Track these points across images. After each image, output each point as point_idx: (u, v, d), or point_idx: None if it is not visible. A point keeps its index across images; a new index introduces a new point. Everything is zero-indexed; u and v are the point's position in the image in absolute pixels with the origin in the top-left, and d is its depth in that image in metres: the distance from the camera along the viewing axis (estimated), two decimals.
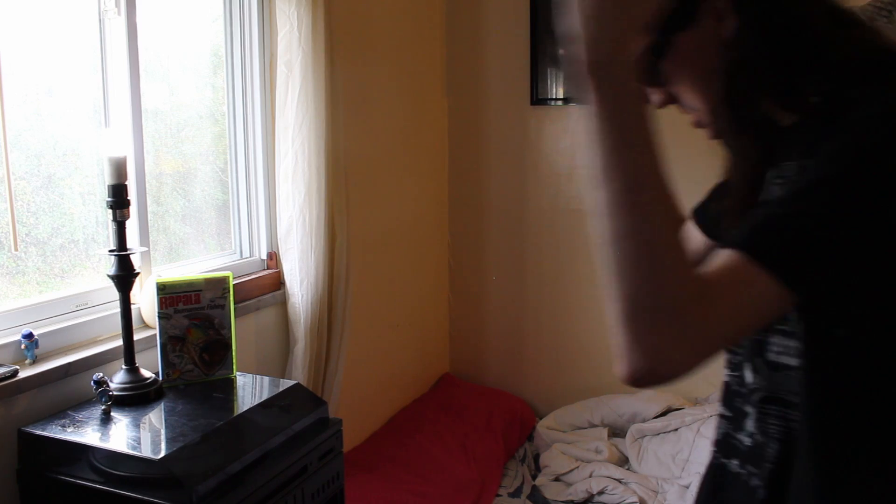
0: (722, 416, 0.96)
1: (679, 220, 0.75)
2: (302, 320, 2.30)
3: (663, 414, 2.95)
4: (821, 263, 0.72)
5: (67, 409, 1.66)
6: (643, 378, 0.70)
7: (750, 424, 0.91)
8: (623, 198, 0.70)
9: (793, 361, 0.84)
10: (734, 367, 0.94)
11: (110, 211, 1.66)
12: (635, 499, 2.66)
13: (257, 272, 2.37)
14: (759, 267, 0.70)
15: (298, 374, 2.29)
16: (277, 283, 2.39)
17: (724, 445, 0.96)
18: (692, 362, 0.70)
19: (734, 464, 0.94)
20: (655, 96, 0.88)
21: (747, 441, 0.91)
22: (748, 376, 0.91)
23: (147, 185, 2.01)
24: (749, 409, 0.91)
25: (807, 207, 0.72)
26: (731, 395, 0.94)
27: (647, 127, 0.71)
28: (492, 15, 3.34)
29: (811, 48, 0.80)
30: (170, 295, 1.78)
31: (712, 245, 0.86)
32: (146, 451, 1.49)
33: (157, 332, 1.79)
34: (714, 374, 0.94)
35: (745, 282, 0.71)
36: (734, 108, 0.83)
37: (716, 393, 2.13)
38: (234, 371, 1.88)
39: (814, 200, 0.72)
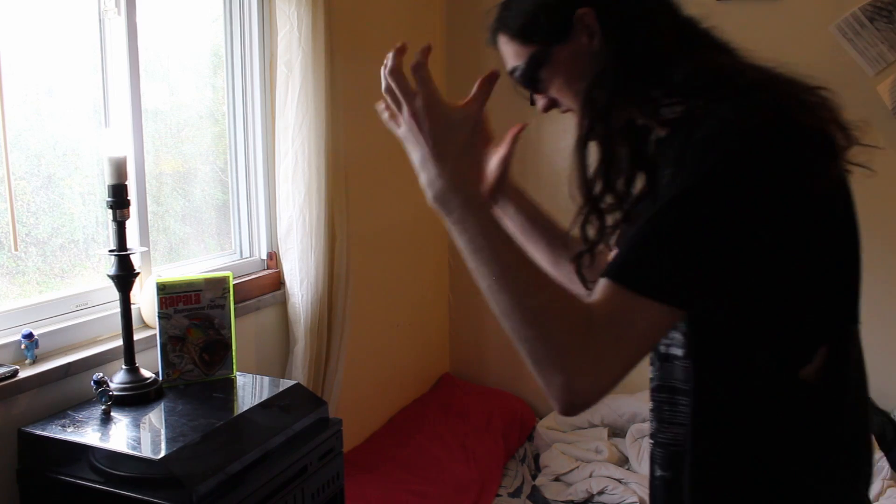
0: (651, 411, 1.05)
1: (548, 282, 0.84)
2: (302, 320, 2.30)
3: None
4: (692, 277, 0.79)
5: (67, 409, 1.66)
6: (567, 411, 0.81)
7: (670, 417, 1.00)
8: (495, 285, 0.83)
9: (679, 352, 0.94)
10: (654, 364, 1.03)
11: (110, 211, 1.66)
12: (635, 499, 2.66)
13: (257, 272, 2.37)
14: (633, 294, 0.79)
15: (298, 374, 2.29)
16: (277, 283, 2.39)
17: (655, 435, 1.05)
18: (602, 386, 0.80)
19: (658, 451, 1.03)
20: (540, 102, 1.03)
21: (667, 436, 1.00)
22: (650, 370, 1.01)
23: (147, 185, 2.01)
24: (665, 406, 0.99)
25: (667, 228, 0.80)
26: (656, 391, 1.03)
27: (493, 228, 0.85)
28: (492, 15, 3.34)
29: (658, 66, 0.90)
30: (170, 295, 1.78)
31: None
32: (146, 451, 1.49)
33: (157, 332, 1.79)
34: None
35: (624, 309, 0.80)
36: (592, 114, 0.94)
37: None
38: (234, 371, 1.88)
39: (671, 220, 0.80)
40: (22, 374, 1.59)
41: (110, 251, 1.68)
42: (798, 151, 0.81)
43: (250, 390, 1.88)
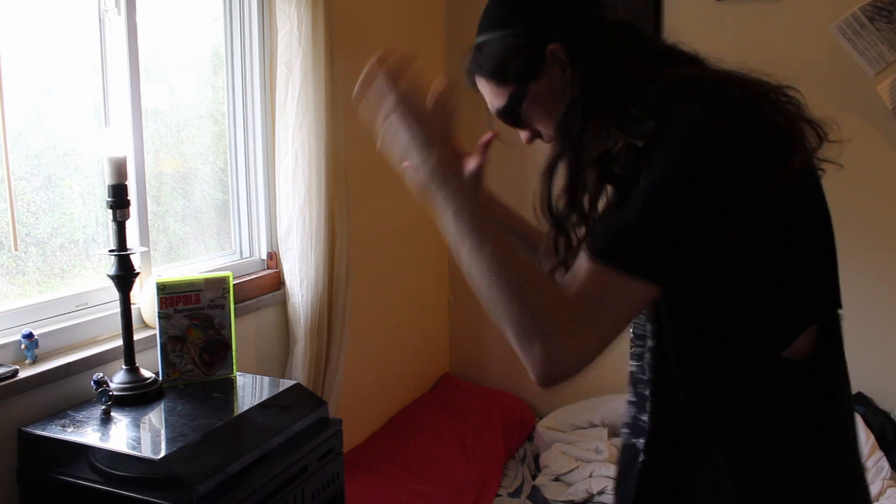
0: (629, 402, 1.09)
1: (527, 261, 0.89)
2: (302, 320, 2.30)
3: None
4: (662, 250, 0.84)
5: (67, 409, 1.66)
6: (545, 382, 0.85)
7: (649, 406, 1.03)
8: (477, 260, 0.88)
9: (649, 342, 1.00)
10: (636, 357, 1.07)
11: (110, 211, 1.66)
12: None
13: (257, 272, 2.37)
14: (607, 268, 0.83)
15: (298, 374, 2.29)
16: (277, 283, 2.39)
17: (633, 427, 1.08)
18: (579, 361, 0.84)
19: (640, 442, 1.05)
20: (523, 134, 1.07)
21: (644, 421, 1.04)
22: (648, 360, 1.04)
23: (147, 185, 2.01)
24: (648, 392, 1.03)
25: (644, 208, 0.85)
26: (635, 382, 1.07)
27: (477, 207, 0.91)
28: None
29: (631, 87, 0.95)
30: (170, 295, 1.78)
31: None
32: (146, 451, 1.49)
33: (157, 332, 1.79)
34: None
35: (598, 283, 0.84)
36: (564, 140, 0.97)
37: None
38: (234, 371, 1.88)
39: (648, 201, 0.85)
40: (22, 374, 1.59)
41: (110, 251, 1.68)
42: (763, 142, 0.85)
43: (250, 390, 1.88)
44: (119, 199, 1.66)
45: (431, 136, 0.93)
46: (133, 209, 1.79)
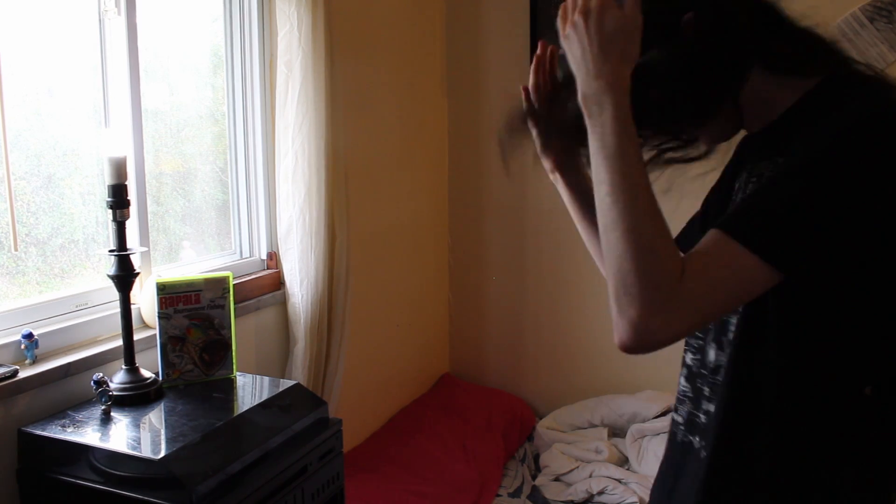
0: (685, 396, 1.05)
1: (661, 216, 0.85)
2: (302, 320, 2.30)
3: (663, 414, 2.95)
4: (798, 241, 0.81)
5: (67, 409, 1.66)
6: (630, 346, 0.81)
7: (705, 402, 1.00)
8: (614, 197, 0.84)
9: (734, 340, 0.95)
10: (696, 349, 1.03)
11: (110, 211, 1.66)
12: (635, 499, 2.66)
13: (257, 272, 2.37)
14: (737, 245, 0.81)
15: (298, 374, 2.29)
16: (277, 283, 2.39)
17: (690, 424, 1.04)
18: (673, 331, 0.81)
19: (697, 440, 1.01)
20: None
21: (703, 418, 1.00)
22: (711, 355, 1.00)
23: (147, 185, 2.00)
24: (706, 388, 1.00)
25: (785, 193, 0.82)
26: (693, 376, 1.03)
27: (632, 143, 0.86)
28: (492, 15, 3.34)
29: (747, 51, 0.92)
30: (170, 295, 1.78)
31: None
32: (146, 451, 1.49)
33: (157, 332, 1.79)
34: None
35: (723, 259, 0.81)
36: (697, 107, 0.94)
37: None
38: (234, 371, 1.88)
39: (790, 187, 0.82)
40: (22, 374, 1.59)
41: (110, 251, 1.68)
42: None
43: (250, 390, 1.88)
44: (119, 199, 1.66)
45: (608, 53, 0.87)
46: (133, 209, 1.80)
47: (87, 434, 1.55)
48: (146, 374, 1.74)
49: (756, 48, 0.92)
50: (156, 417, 1.67)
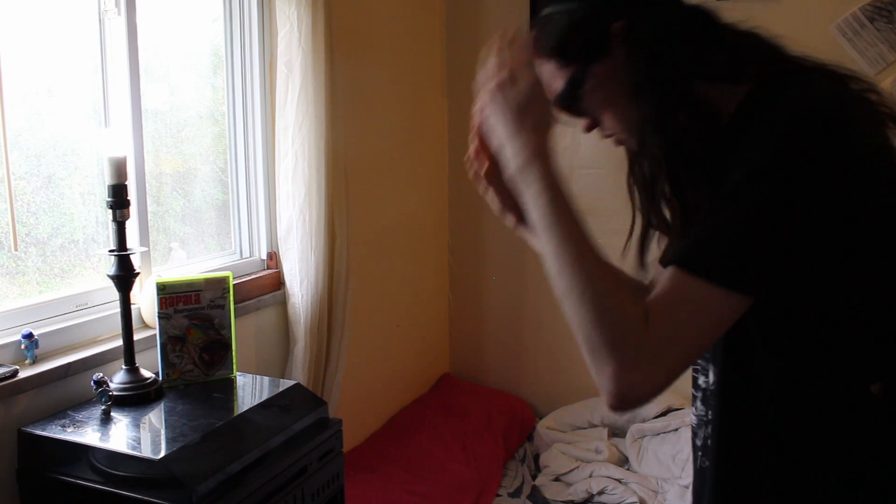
0: (702, 421, 1.02)
1: (613, 270, 0.85)
2: (302, 320, 2.30)
3: (663, 414, 2.95)
4: (757, 261, 0.79)
5: (67, 409, 1.66)
6: (618, 406, 0.79)
7: (712, 427, 0.98)
8: (562, 263, 0.83)
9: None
10: (703, 370, 1.00)
11: (110, 211, 1.66)
12: (635, 499, 2.66)
13: (257, 272, 2.37)
14: (697, 279, 0.78)
15: (298, 374, 2.29)
16: (277, 283, 2.39)
17: (706, 450, 1.01)
18: (655, 382, 0.78)
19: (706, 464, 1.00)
20: (582, 124, 1.00)
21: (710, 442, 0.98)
22: (711, 377, 0.97)
23: (147, 185, 2.00)
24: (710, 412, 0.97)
25: (730, 216, 0.79)
26: (707, 399, 1.00)
27: (567, 206, 0.86)
28: (492, 15, 3.34)
29: (698, 68, 0.90)
30: (170, 295, 1.78)
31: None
32: (146, 451, 1.49)
33: (157, 332, 1.79)
34: None
35: (686, 297, 0.79)
36: (645, 125, 0.91)
37: None
38: (234, 371, 1.88)
39: (736, 208, 0.79)
40: (22, 374, 1.59)
41: (110, 251, 1.68)
42: (855, 148, 0.81)
43: (250, 390, 1.88)
44: (119, 199, 1.66)
45: (529, 126, 0.89)
46: (133, 209, 1.79)
47: (87, 434, 1.55)
48: (146, 374, 1.74)
49: (689, 57, 0.90)
50: (156, 417, 1.67)
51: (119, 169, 1.66)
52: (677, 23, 0.90)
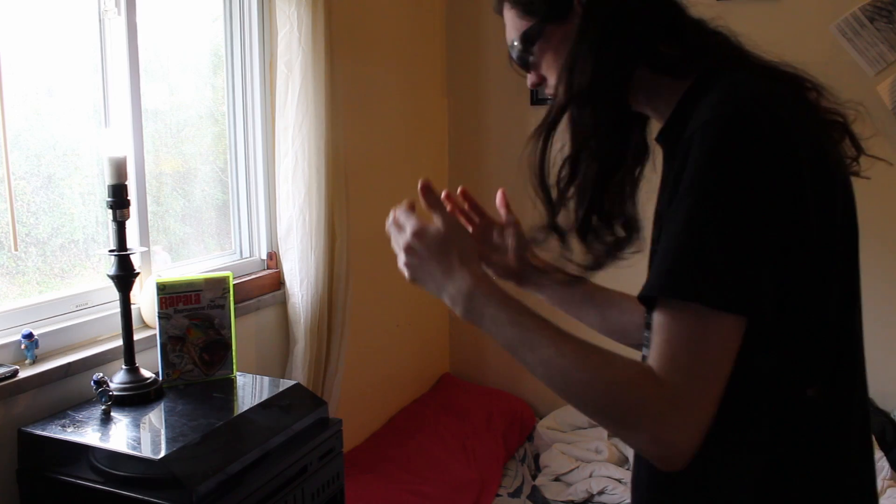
0: None
1: (594, 350, 0.81)
2: (302, 320, 2.30)
3: None
4: (752, 281, 0.75)
5: (67, 409, 1.66)
6: (671, 466, 0.76)
7: None
8: (544, 372, 0.82)
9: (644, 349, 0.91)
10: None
11: (110, 211, 1.66)
12: None
13: (257, 272, 2.37)
14: (702, 310, 0.74)
15: (298, 374, 2.29)
16: (277, 283, 2.39)
17: None
18: (695, 431, 0.75)
19: None
20: (529, 78, 1.00)
21: None
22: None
23: (147, 185, 2.00)
24: None
25: (707, 231, 0.76)
26: None
27: (524, 316, 0.85)
28: (492, 15, 3.33)
29: (652, 42, 0.90)
30: (170, 295, 1.78)
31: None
32: (146, 451, 1.49)
33: (157, 332, 1.79)
34: None
35: (687, 336, 0.75)
36: (569, 85, 0.90)
37: None
38: (234, 371, 1.88)
39: (708, 223, 0.76)
40: (22, 374, 1.59)
41: (110, 251, 1.68)
42: (786, 146, 0.79)
43: (250, 390, 1.88)
44: (119, 199, 1.66)
45: (455, 264, 0.90)
46: (133, 209, 1.79)
47: (87, 434, 1.55)
48: (146, 374, 1.74)
49: (640, 45, 0.90)
50: (156, 417, 1.67)
51: (119, 169, 1.66)
52: (641, 8, 0.90)
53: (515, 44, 0.98)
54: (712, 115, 0.80)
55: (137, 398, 1.69)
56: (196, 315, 1.82)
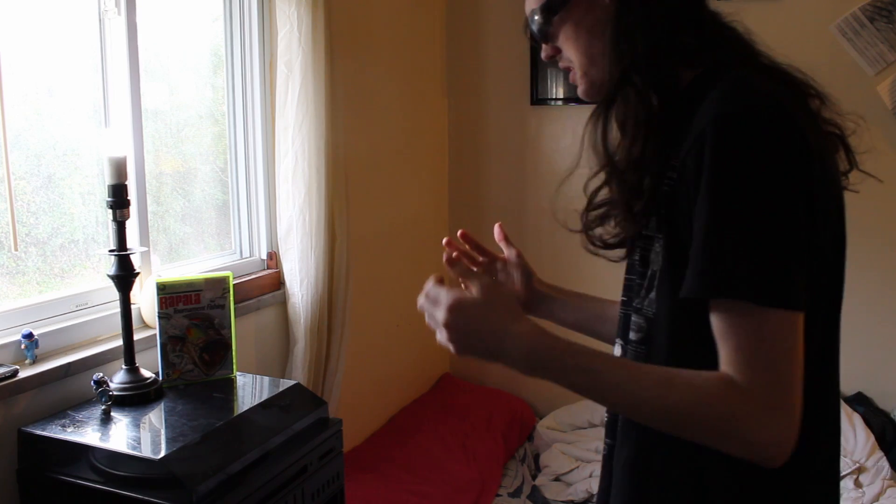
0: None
1: (669, 374, 0.82)
2: (302, 320, 2.30)
3: None
4: (791, 273, 0.77)
5: (67, 409, 1.66)
6: (772, 464, 0.78)
7: None
8: (630, 407, 0.84)
9: (636, 336, 0.93)
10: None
11: (110, 211, 1.66)
12: None
13: (257, 272, 2.37)
14: (762, 310, 0.76)
15: (298, 374, 2.29)
16: (277, 283, 2.39)
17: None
18: (789, 426, 0.77)
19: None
20: (544, 51, 0.99)
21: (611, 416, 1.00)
22: (616, 350, 0.99)
23: (147, 185, 2.01)
24: None
25: (744, 226, 0.77)
26: None
27: (593, 357, 0.84)
28: (492, 15, 3.34)
29: (675, 28, 0.91)
30: (170, 295, 1.78)
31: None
32: (146, 451, 1.49)
33: (157, 332, 1.79)
34: None
35: (755, 336, 0.77)
36: (624, 65, 0.90)
37: None
38: (234, 371, 1.88)
39: (742, 217, 0.78)
40: (22, 374, 1.59)
41: (110, 251, 1.68)
42: (797, 140, 0.81)
43: (250, 390, 1.88)
44: (119, 199, 1.66)
45: (504, 327, 0.87)
46: (133, 209, 1.79)
47: (88, 434, 1.55)
48: (146, 374, 1.74)
49: (668, 30, 0.90)
50: (156, 417, 1.67)
51: (119, 169, 1.66)
52: None
53: (536, 17, 0.96)
54: (725, 110, 0.81)
55: (137, 398, 1.69)
56: (196, 315, 1.82)
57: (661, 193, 0.88)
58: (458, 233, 1.17)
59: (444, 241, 1.11)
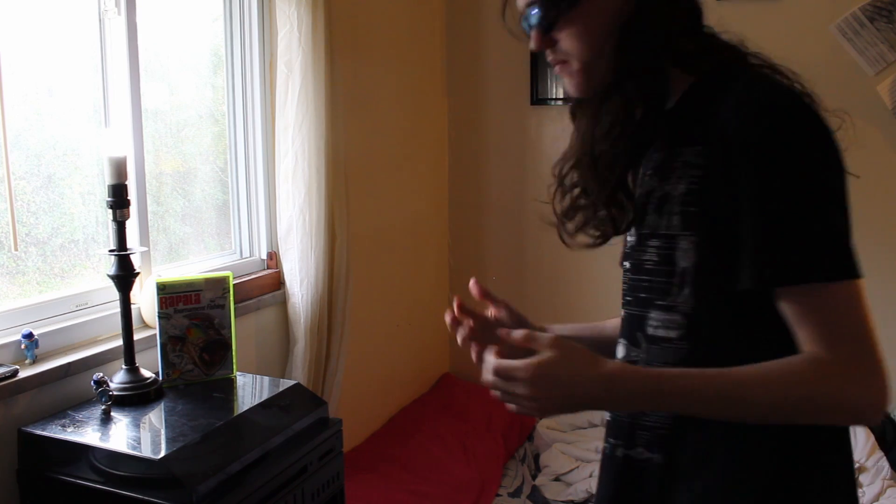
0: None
1: (768, 372, 0.85)
2: (302, 320, 2.30)
3: None
4: (850, 243, 0.85)
5: (67, 409, 1.66)
6: (874, 422, 0.88)
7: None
8: (725, 417, 0.87)
9: (672, 334, 0.93)
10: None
11: (110, 211, 1.66)
12: None
13: (257, 272, 2.37)
14: (843, 284, 0.83)
15: (298, 374, 2.29)
16: (277, 283, 2.39)
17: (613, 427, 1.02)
18: (880, 385, 0.82)
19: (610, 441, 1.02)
20: (538, 41, 0.96)
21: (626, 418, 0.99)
22: (620, 351, 1.00)
23: (147, 185, 2.01)
24: None
25: (814, 211, 0.83)
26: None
27: (692, 385, 0.85)
28: (492, 15, 3.34)
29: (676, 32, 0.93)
30: (170, 295, 1.78)
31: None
32: (146, 451, 1.49)
33: (157, 332, 1.79)
34: None
35: (837, 308, 0.83)
36: (625, 65, 0.92)
37: None
38: (234, 371, 1.88)
39: (812, 203, 0.83)
40: (22, 374, 1.59)
41: (110, 251, 1.68)
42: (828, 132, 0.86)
43: (250, 390, 1.88)
44: (119, 199, 1.66)
45: (581, 382, 0.86)
46: (133, 209, 1.79)
47: (88, 434, 1.55)
48: (146, 373, 1.74)
49: (672, 33, 0.93)
50: (156, 417, 1.67)
51: (119, 169, 1.66)
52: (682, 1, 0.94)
53: (541, 6, 0.94)
54: (760, 104, 0.85)
55: (137, 398, 1.69)
56: (196, 315, 1.82)
57: (680, 193, 0.90)
58: (455, 302, 1.18)
59: (448, 319, 1.15)
